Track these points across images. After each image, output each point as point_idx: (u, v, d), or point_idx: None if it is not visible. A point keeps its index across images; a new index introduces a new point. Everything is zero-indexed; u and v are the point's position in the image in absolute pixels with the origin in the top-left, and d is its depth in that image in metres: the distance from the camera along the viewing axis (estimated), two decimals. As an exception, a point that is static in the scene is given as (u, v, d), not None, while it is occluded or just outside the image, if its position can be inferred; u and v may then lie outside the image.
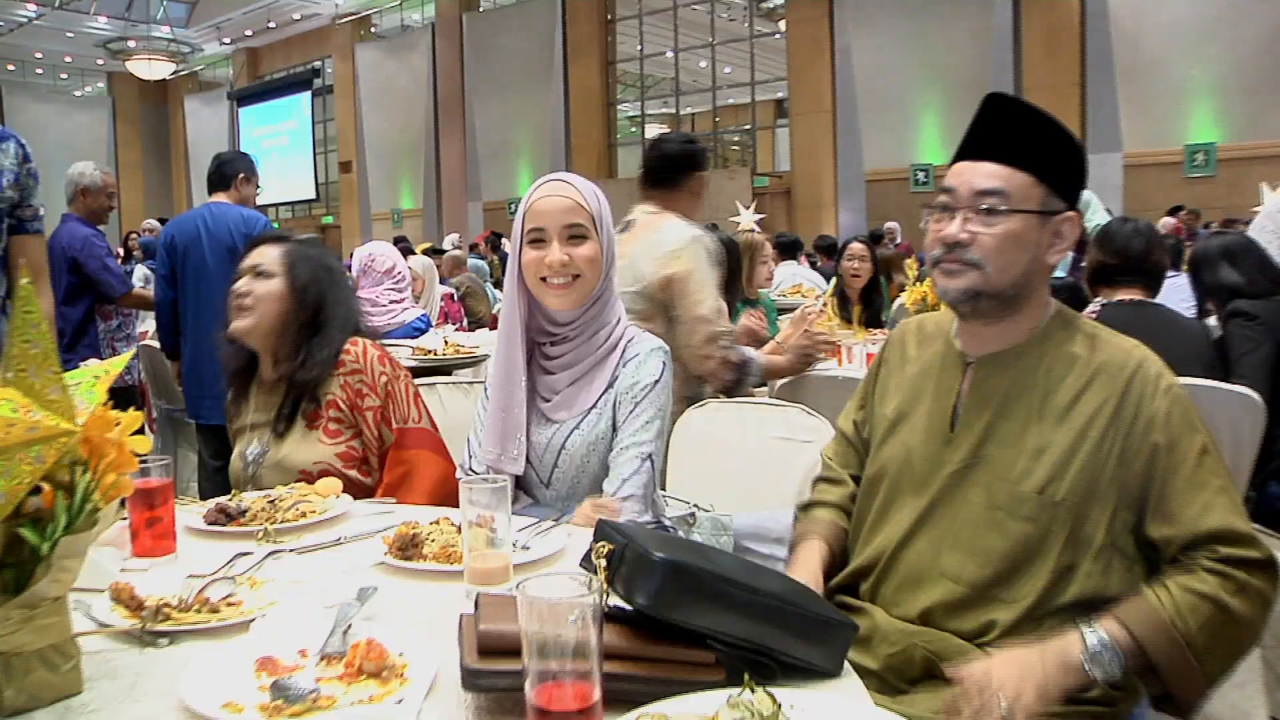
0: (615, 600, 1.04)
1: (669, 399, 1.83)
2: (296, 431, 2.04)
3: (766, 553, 2.19)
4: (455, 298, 6.03)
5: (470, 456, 1.89)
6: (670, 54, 19.64)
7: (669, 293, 2.78)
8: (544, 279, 1.74)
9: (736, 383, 2.90)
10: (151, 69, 24.63)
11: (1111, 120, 13.38)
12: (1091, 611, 1.32)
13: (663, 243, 2.80)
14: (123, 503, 1.34)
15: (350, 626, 1.13)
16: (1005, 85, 13.61)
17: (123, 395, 4.51)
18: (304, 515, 1.70)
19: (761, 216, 4.95)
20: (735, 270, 3.95)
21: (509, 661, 0.93)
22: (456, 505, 2.07)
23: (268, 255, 2.11)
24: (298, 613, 1.21)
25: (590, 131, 19.56)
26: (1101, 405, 1.36)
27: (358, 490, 1.97)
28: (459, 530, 1.45)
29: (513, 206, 19.18)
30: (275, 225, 4.64)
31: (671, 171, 2.98)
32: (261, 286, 2.07)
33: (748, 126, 19.67)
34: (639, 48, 19.80)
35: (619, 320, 1.83)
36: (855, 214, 15.97)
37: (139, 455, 1.02)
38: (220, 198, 4.04)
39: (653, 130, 20.91)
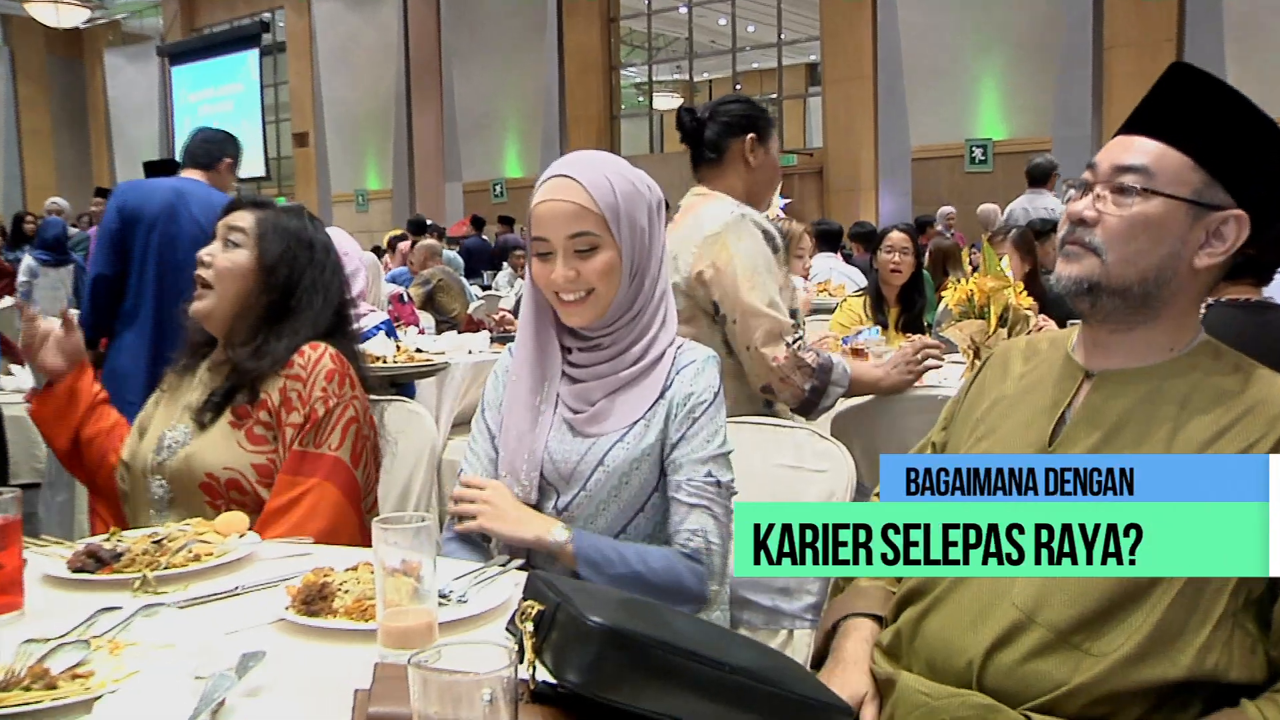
0: (547, 675, 0.98)
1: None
2: (219, 427, 2.02)
3: (769, 605, 2.14)
4: (406, 298, 5.98)
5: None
6: (683, 9, 19.67)
7: (708, 288, 2.65)
8: (556, 293, 1.74)
9: (818, 394, 2.71)
10: (59, 15, 23.37)
11: (1217, 84, 13.17)
12: (1204, 696, 1.28)
13: (700, 228, 2.68)
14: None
15: (222, 704, 1.08)
16: (1081, 44, 13.52)
17: None
18: (197, 559, 1.64)
19: (788, 201, 4.82)
20: None
21: (402, 755, 0.88)
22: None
23: (245, 221, 2.11)
24: (159, 687, 1.14)
25: (589, 101, 19.57)
26: (1251, 446, 1.33)
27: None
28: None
29: (498, 188, 19.22)
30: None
31: (698, 145, 2.85)
32: (226, 258, 2.06)
33: (774, 95, 19.66)
34: (646, 2, 19.83)
35: (666, 322, 1.82)
36: (899, 198, 15.90)
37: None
38: (196, 176, 4.03)
39: (662, 100, 20.93)
